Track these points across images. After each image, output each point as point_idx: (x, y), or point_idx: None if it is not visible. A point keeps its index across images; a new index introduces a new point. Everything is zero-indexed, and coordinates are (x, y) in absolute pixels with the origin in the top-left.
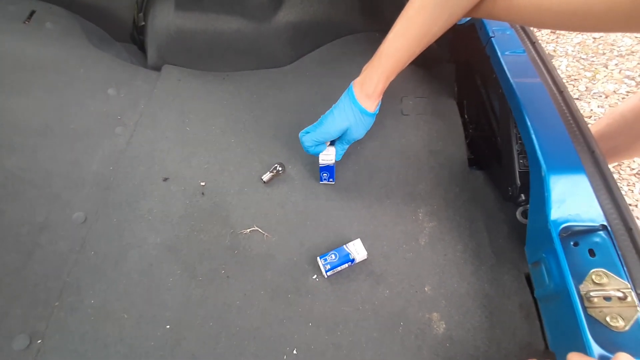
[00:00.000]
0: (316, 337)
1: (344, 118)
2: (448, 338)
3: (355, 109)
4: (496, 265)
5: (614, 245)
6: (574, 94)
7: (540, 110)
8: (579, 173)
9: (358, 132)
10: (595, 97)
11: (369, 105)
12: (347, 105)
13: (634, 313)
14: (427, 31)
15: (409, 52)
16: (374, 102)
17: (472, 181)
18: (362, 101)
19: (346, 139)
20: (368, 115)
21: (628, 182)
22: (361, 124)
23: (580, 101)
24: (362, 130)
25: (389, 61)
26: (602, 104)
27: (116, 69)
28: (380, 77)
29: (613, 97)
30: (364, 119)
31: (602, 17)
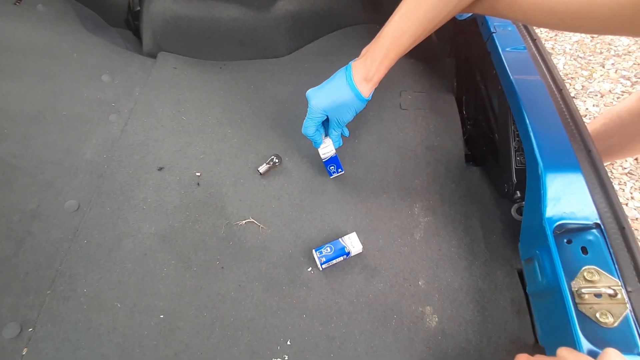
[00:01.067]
0: (310, 328)
1: (335, 95)
2: (440, 331)
3: (349, 91)
4: (489, 260)
5: (606, 244)
6: (571, 93)
7: (539, 108)
8: (575, 172)
9: (347, 114)
10: (591, 96)
11: (365, 89)
12: (342, 84)
13: (623, 310)
14: (434, 15)
15: (413, 35)
16: (370, 88)
17: (468, 177)
18: (359, 84)
19: (335, 121)
20: (360, 99)
21: (619, 180)
22: (352, 107)
23: (576, 100)
24: (351, 112)
25: (393, 43)
26: (597, 103)
27: (110, 55)
28: (383, 59)
29: (608, 96)
30: (355, 103)
31: (604, 20)
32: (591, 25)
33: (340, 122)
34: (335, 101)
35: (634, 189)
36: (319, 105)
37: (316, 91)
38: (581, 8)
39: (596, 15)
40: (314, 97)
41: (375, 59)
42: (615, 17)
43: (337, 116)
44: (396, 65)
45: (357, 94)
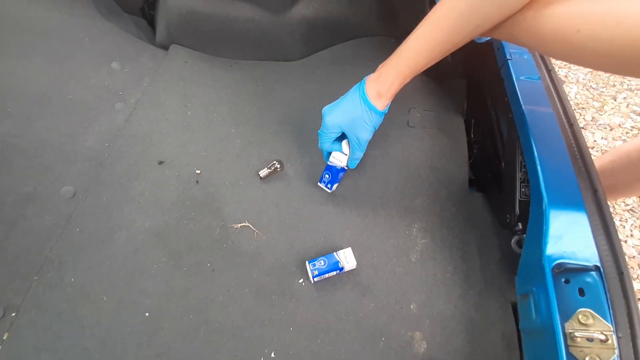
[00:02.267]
0: (296, 342)
1: (350, 110)
2: (428, 358)
3: (363, 105)
4: (484, 291)
5: (604, 288)
6: (580, 123)
7: (548, 141)
8: (580, 211)
9: (364, 130)
10: (600, 128)
11: (379, 103)
12: (356, 99)
13: (611, 354)
14: (451, 38)
15: (429, 56)
16: (384, 102)
17: (470, 203)
18: (372, 98)
19: (354, 139)
20: (376, 112)
21: (621, 217)
22: (368, 121)
23: (585, 130)
24: (368, 127)
25: (409, 62)
26: (606, 135)
27: (122, 43)
28: (397, 77)
29: (618, 130)
30: (371, 116)
31: (625, 61)
32: (610, 64)
33: (360, 140)
34: (350, 116)
35: (635, 227)
36: (333, 120)
37: (331, 107)
38: (602, 45)
39: (617, 55)
40: (328, 113)
41: (389, 75)
42: (638, 59)
43: (354, 133)
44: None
45: (370, 106)
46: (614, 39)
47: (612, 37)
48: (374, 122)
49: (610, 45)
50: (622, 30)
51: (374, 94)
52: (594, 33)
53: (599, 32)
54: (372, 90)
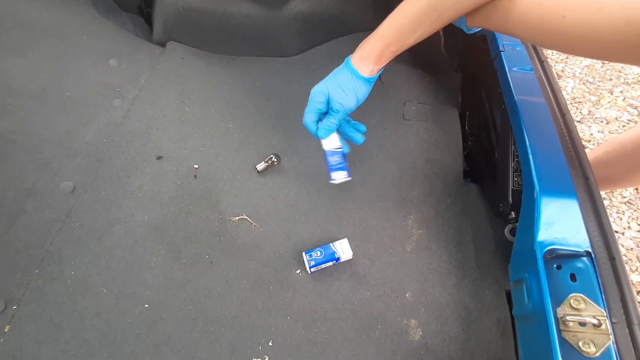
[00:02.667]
0: (293, 331)
1: (333, 76)
2: (423, 346)
3: (346, 70)
4: (479, 279)
5: (595, 273)
6: (577, 117)
7: (541, 131)
8: (571, 198)
9: (346, 94)
10: (597, 121)
11: (363, 68)
12: (340, 67)
13: (606, 340)
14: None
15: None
16: (367, 66)
17: (464, 193)
18: (356, 63)
19: (337, 104)
20: (359, 77)
21: (618, 209)
22: (350, 85)
23: (581, 124)
24: (350, 92)
25: (389, 27)
26: (602, 129)
27: (120, 40)
28: (377, 40)
29: (614, 123)
30: (354, 81)
31: (608, 47)
32: (595, 50)
33: (343, 105)
34: (333, 82)
35: (632, 219)
36: (317, 88)
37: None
38: (586, 32)
39: (600, 40)
40: (315, 86)
41: (371, 38)
42: (619, 44)
43: (338, 98)
44: (402, 75)
45: (352, 70)
46: (597, 23)
47: (595, 21)
48: (356, 88)
49: (594, 30)
50: (604, 14)
51: (357, 59)
52: (578, 18)
53: (582, 18)
54: (356, 56)
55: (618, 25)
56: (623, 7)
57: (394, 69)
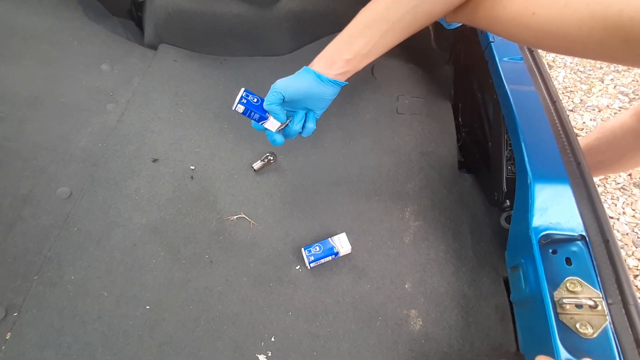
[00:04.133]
0: (295, 326)
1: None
2: (424, 335)
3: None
4: (476, 267)
5: (590, 256)
6: (569, 106)
7: (532, 119)
8: (564, 183)
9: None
10: (589, 110)
11: (324, 69)
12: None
13: (603, 321)
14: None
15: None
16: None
17: (460, 184)
18: (316, 64)
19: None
20: (320, 78)
21: (612, 195)
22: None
23: (574, 113)
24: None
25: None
26: (594, 117)
27: (111, 45)
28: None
29: (606, 111)
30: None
31: (575, 42)
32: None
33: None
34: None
35: (626, 204)
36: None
37: None
38: (554, 28)
39: (568, 36)
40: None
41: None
42: (585, 40)
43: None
44: (394, 70)
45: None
46: (564, 20)
47: (563, 18)
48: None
49: (562, 27)
50: (570, 10)
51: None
52: (547, 15)
53: (551, 14)
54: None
55: (584, 21)
56: (588, 4)
57: (386, 64)
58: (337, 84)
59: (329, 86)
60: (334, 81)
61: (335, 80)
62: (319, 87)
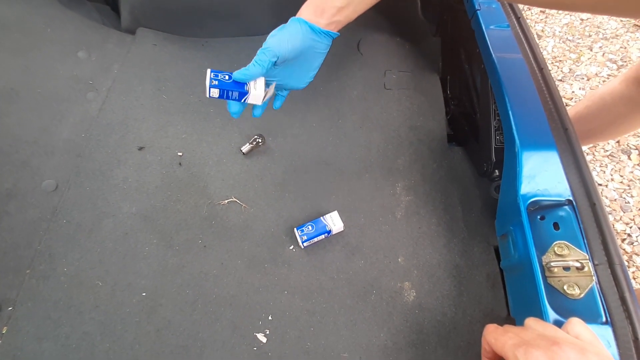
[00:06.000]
0: (291, 304)
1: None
2: (417, 305)
3: (300, 21)
4: (467, 238)
5: (577, 219)
6: (558, 76)
7: (520, 87)
8: (551, 150)
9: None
10: (578, 79)
11: (315, 18)
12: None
13: (589, 282)
14: None
15: None
16: (319, 16)
17: (450, 157)
18: (304, 12)
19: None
20: (312, 28)
21: (601, 163)
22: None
23: (563, 83)
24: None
25: None
26: (583, 86)
27: (87, 31)
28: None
29: (595, 79)
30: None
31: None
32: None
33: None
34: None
35: (614, 171)
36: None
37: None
38: None
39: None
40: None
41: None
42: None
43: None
44: (381, 45)
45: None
46: None
47: None
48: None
49: None
50: None
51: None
52: None
53: None
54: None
55: None
56: None
57: (372, 38)
58: (329, 35)
59: (321, 38)
60: (325, 32)
61: (327, 30)
62: (312, 40)
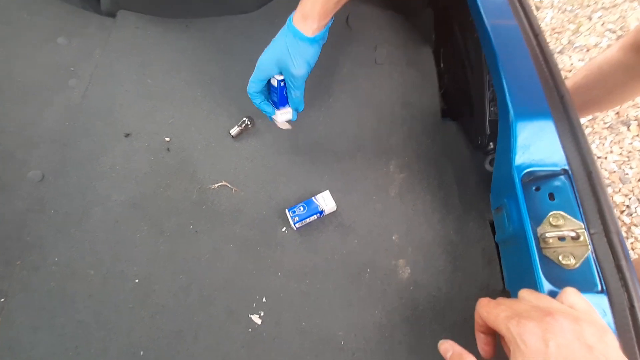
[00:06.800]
0: (285, 286)
1: (278, 44)
2: (412, 282)
3: (289, 33)
4: (463, 214)
5: (573, 189)
6: (557, 48)
7: (514, 54)
8: (546, 118)
9: (294, 61)
10: (577, 50)
11: (306, 28)
12: (283, 32)
13: (585, 251)
14: None
15: None
16: (311, 26)
17: (444, 132)
18: (298, 23)
19: (288, 75)
20: (303, 39)
21: (600, 135)
22: (296, 52)
23: (562, 55)
24: (299, 60)
25: None
26: (583, 57)
27: (65, 16)
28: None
29: (594, 50)
30: (299, 45)
31: None
32: None
33: (294, 76)
34: (278, 50)
35: (614, 143)
36: (262, 59)
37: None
38: None
39: None
40: (261, 55)
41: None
42: None
43: (286, 68)
44: (371, 18)
45: (295, 32)
46: None
47: None
48: (302, 51)
49: None
50: None
51: (299, 18)
52: None
53: None
54: (297, 15)
55: None
56: None
57: (361, 12)
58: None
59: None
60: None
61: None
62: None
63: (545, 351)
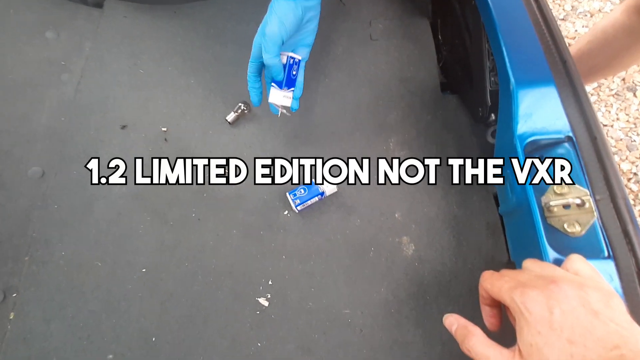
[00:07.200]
0: (290, 268)
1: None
2: (417, 258)
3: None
4: (465, 187)
5: (577, 155)
6: (560, 14)
7: (513, 20)
8: (548, 85)
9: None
10: (580, 16)
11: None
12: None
13: (591, 218)
14: None
15: None
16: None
17: (444, 107)
18: None
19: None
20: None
21: (606, 103)
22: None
23: (565, 22)
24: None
25: None
26: (586, 23)
27: (52, 9)
28: None
29: (598, 16)
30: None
31: None
32: None
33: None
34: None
35: (620, 110)
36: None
37: None
38: None
39: None
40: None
41: None
42: None
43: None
44: None
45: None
46: None
47: None
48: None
49: None
50: None
51: None
52: None
53: None
54: None
55: None
56: None
57: None
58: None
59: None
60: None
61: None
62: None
63: (550, 319)
